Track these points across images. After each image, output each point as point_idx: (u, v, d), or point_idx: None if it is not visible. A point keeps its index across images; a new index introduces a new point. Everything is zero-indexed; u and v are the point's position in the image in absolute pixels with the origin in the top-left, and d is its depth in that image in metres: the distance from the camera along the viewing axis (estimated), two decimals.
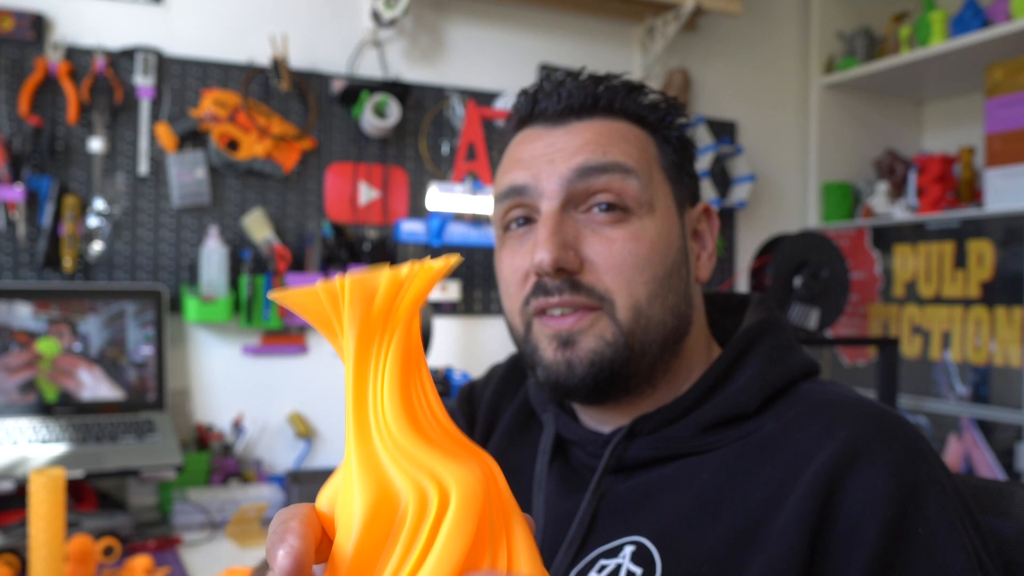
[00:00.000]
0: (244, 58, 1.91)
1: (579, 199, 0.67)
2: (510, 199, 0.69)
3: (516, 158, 0.70)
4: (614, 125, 0.69)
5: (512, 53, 2.21)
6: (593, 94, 0.69)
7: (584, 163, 0.66)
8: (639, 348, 0.66)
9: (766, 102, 2.58)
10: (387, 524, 0.35)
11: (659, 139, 0.70)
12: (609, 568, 0.62)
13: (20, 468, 1.46)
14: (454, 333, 2.11)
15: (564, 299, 0.65)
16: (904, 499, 0.57)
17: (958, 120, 2.65)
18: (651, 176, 0.68)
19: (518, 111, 0.72)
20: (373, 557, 0.35)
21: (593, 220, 0.66)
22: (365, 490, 0.35)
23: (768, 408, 0.65)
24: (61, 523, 1.10)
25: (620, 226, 0.66)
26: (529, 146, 0.70)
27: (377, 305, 0.37)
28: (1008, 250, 2.01)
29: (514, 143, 0.72)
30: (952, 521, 0.57)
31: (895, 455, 0.58)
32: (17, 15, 1.70)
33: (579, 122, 0.69)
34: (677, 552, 0.60)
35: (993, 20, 2.13)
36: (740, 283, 2.49)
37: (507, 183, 0.69)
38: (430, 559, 0.34)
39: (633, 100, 0.70)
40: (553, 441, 0.72)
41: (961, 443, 2.11)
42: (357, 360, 0.37)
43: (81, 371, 1.66)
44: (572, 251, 0.65)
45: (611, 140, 0.67)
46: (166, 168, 1.83)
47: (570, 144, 0.68)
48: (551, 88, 0.70)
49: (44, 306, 1.64)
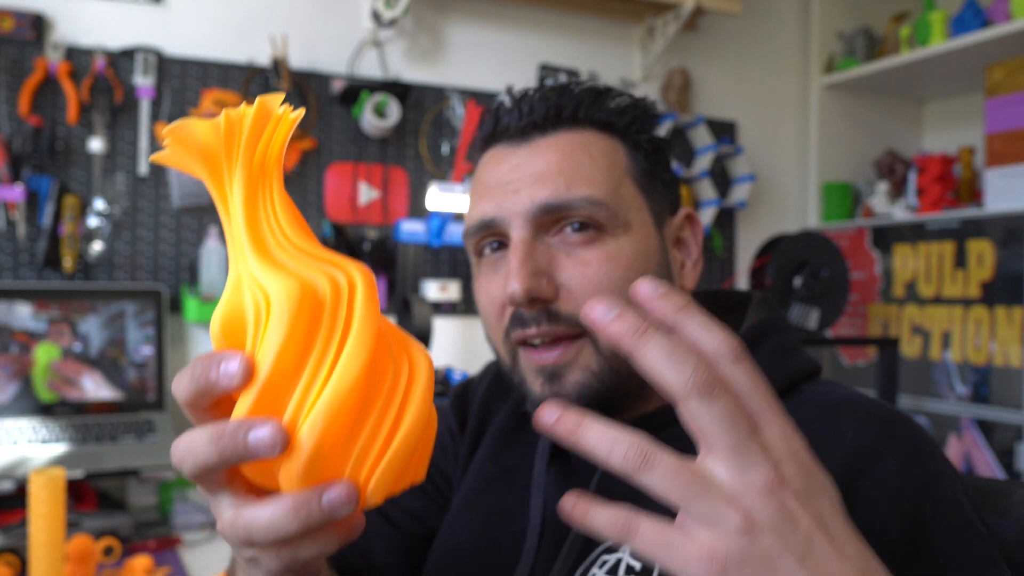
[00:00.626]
0: (244, 58, 1.91)
1: (548, 225, 0.65)
2: (480, 232, 0.68)
3: (483, 185, 0.68)
4: (579, 138, 0.67)
5: (512, 53, 2.21)
6: (556, 105, 0.67)
7: (547, 201, 0.64)
8: (626, 371, 0.64)
9: (766, 102, 2.58)
10: (313, 312, 0.39)
11: (629, 146, 0.68)
12: (610, 563, 0.62)
13: (20, 468, 1.46)
14: (454, 333, 2.11)
15: (542, 330, 0.63)
16: (918, 493, 0.56)
17: (958, 120, 2.65)
18: (621, 194, 0.66)
19: (482, 130, 0.70)
20: (305, 346, 0.39)
21: (566, 242, 0.65)
22: (285, 287, 0.39)
23: None
24: (61, 523, 1.10)
25: (594, 246, 0.64)
26: (494, 170, 0.68)
27: (213, 142, 0.41)
28: (1008, 250, 2.01)
29: (481, 166, 0.70)
30: (965, 516, 0.57)
31: (904, 453, 0.58)
32: (17, 15, 1.70)
33: (543, 138, 0.67)
34: None
35: (993, 20, 2.13)
36: (740, 283, 2.49)
37: (476, 217, 0.68)
38: (354, 330, 0.39)
39: (599, 107, 0.68)
40: (551, 441, 0.72)
41: (961, 443, 2.11)
42: (249, 185, 0.41)
43: (83, 378, 1.66)
44: (545, 279, 0.63)
45: (576, 164, 0.65)
46: (166, 168, 1.83)
47: (534, 168, 0.66)
48: (512, 103, 0.68)
49: (44, 306, 1.64)
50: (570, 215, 0.64)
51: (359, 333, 0.38)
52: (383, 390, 0.39)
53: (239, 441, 0.39)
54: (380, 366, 0.39)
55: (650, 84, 2.37)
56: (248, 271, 0.40)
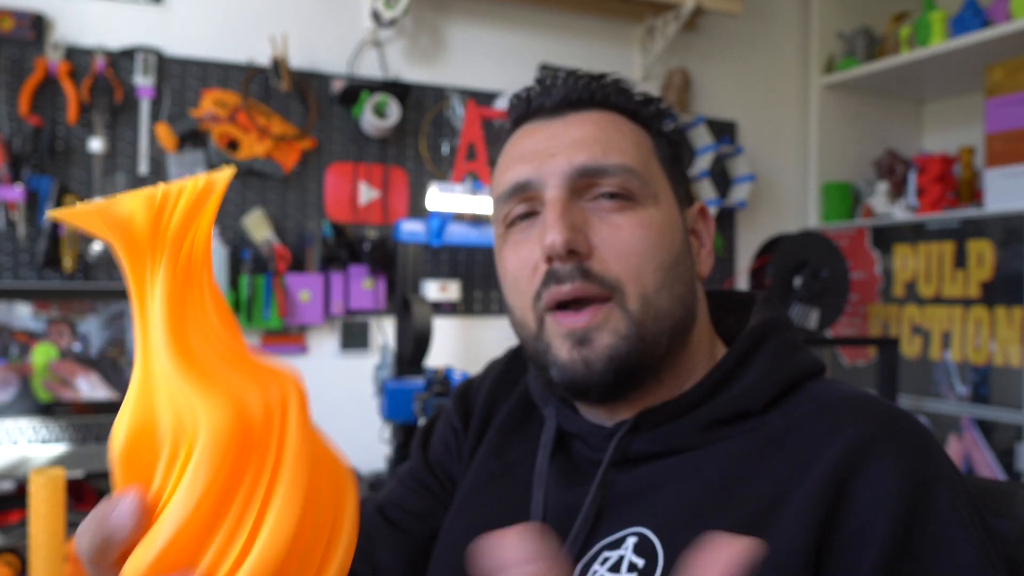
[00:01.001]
0: (244, 58, 1.90)
1: (583, 190, 0.67)
2: (514, 196, 0.69)
3: (516, 154, 0.70)
4: (611, 118, 0.69)
5: (512, 53, 2.21)
6: (588, 88, 0.70)
7: (585, 164, 0.66)
8: (651, 339, 0.65)
9: (766, 102, 2.58)
10: (244, 444, 0.33)
11: (653, 133, 0.71)
12: (612, 560, 0.62)
13: (20, 468, 1.46)
14: (454, 333, 2.11)
15: (576, 286, 0.64)
16: (914, 495, 0.57)
17: (958, 120, 2.65)
18: (650, 170, 0.68)
19: (515, 110, 0.72)
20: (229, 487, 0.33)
21: (600, 208, 0.66)
22: (217, 411, 0.33)
23: (775, 406, 0.65)
24: (61, 523, 1.10)
25: (626, 213, 0.66)
26: (528, 140, 0.70)
27: (139, 226, 0.35)
28: (1008, 250, 2.01)
29: (512, 141, 0.72)
30: (962, 517, 0.57)
31: (904, 452, 0.58)
32: (17, 15, 1.70)
33: (576, 114, 0.69)
34: (679, 543, 0.60)
35: (993, 20, 2.13)
36: (740, 283, 2.49)
37: (510, 180, 0.69)
38: (285, 470, 0.33)
39: (626, 96, 0.70)
40: (555, 435, 0.72)
41: (961, 443, 2.11)
42: (175, 278, 0.35)
43: (79, 378, 1.66)
44: (581, 234, 0.64)
45: (610, 136, 0.68)
46: (166, 168, 1.83)
47: (570, 136, 0.68)
48: (546, 85, 0.71)
49: (44, 306, 1.63)
50: (604, 182, 0.66)
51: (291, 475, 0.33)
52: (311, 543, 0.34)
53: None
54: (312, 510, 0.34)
55: (650, 84, 2.37)
56: (166, 377, 0.34)
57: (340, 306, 1.95)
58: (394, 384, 1.78)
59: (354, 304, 1.97)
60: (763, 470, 0.61)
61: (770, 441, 0.63)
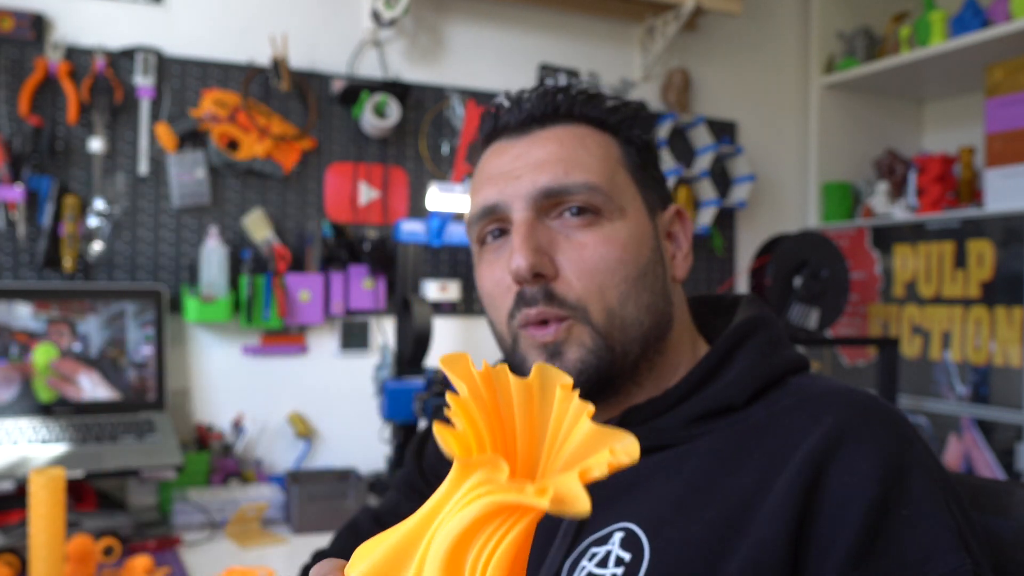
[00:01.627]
0: (244, 58, 1.91)
1: (548, 209, 0.69)
2: (484, 218, 0.71)
3: (485, 175, 0.72)
4: (575, 131, 0.71)
5: (512, 53, 2.21)
6: (553, 102, 0.71)
7: (548, 185, 0.68)
8: (620, 349, 0.68)
9: (766, 102, 2.58)
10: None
11: (621, 141, 0.72)
12: (599, 555, 0.63)
13: (20, 468, 1.46)
14: (454, 333, 2.11)
15: (542, 310, 0.67)
16: (888, 480, 0.58)
17: (958, 120, 2.65)
18: (616, 182, 0.70)
19: (483, 128, 0.75)
20: None
21: (566, 225, 0.68)
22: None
23: (757, 401, 0.66)
24: (61, 523, 1.10)
25: (592, 229, 0.68)
26: (496, 161, 0.72)
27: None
28: (1008, 250, 2.01)
29: (482, 161, 0.74)
30: (936, 502, 0.58)
31: (879, 439, 0.60)
32: (17, 15, 1.70)
33: (541, 131, 0.71)
34: (665, 537, 0.61)
35: (993, 20, 2.13)
36: (740, 283, 2.49)
37: (479, 204, 0.71)
38: None
39: (593, 105, 0.72)
40: None
41: (961, 443, 2.11)
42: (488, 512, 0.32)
43: (80, 376, 1.66)
44: (547, 256, 0.67)
45: (573, 153, 0.69)
46: (166, 168, 1.83)
47: (535, 156, 0.69)
48: (512, 102, 0.73)
49: (44, 306, 1.64)
50: (569, 199, 0.68)
51: None
52: None
53: None
54: None
55: (650, 84, 2.37)
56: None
57: (340, 306, 1.95)
58: (394, 384, 1.78)
59: (354, 304, 1.97)
60: (745, 463, 0.62)
61: (752, 434, 0.64)
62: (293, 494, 1.63)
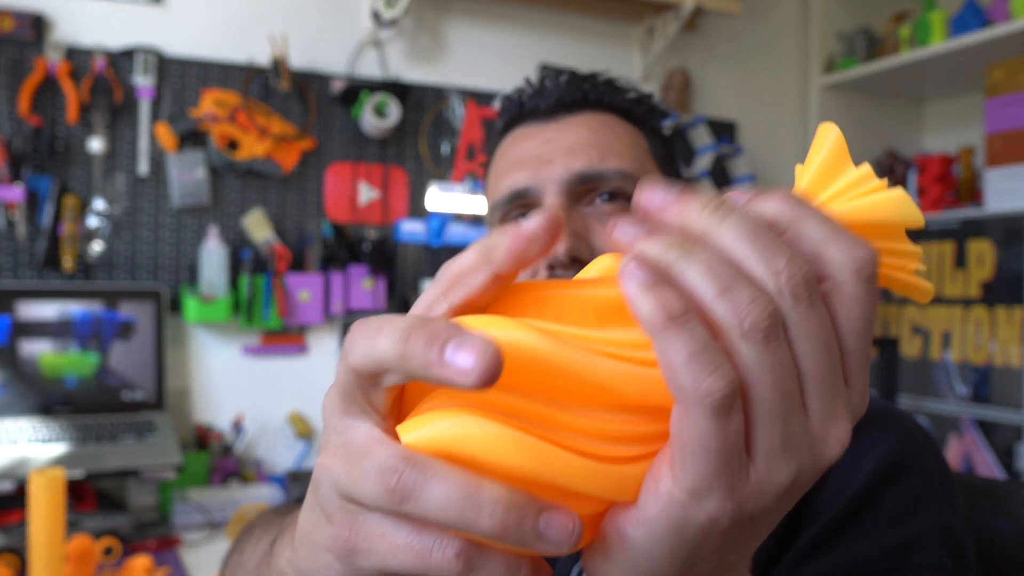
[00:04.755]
0: (244, 58, 1.90)
1: (581, 195, 0.68)
2: (512, 203, 0.69)
3: (512, 159, 0.70)
4: (604, 119, 0.70)
5: (512, 53, 2.21)
6: (581, 90, 0.70)
7: (583, 170, 0.67)
8: None
9: (766, 102, 2.58)
10: None
11: (647, 132, 0.72)
12: None
13: (20, 468, 1.46)
14: None
15: None
16: (881, 475, 0.57)
17: (958, 120, 2.65)
18: (646, 171, 0.69)
19: (507, 112, 0.73)
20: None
21: (599, 211, 0.67)
22: None
23: None
24: (61, 523, 1.10)
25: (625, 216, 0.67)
26: (524, 144, 0.70)
27: None
28: (1008, 250, 2.01)
29: (506, 144, 0.72)
30: (928, 507, 0.57)
31: (884, 439, 0.60)
32: (17, 15, 1.70)
33: (570, 117, 0.70)
34: None
35: (993, 20, 2.13)
36: None
37: (507, 187, 0.69)
38: None
39: (620, 96, 0.72)
40: None
41: (961, 443, 2.11)
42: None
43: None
44: (583, 241, 0.65)
45: (605, 139, 0.68)
46: (166, 168, 1.83)
47: (565, 141, 0.68)
48: (537, 87, 0.72)
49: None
50: (602, 186, 0.67)
51: None
52: None
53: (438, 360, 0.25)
54: None
55: (650, 84, 2.37)
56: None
57: (340, 306, 1.95)
58: None
59: (354, 304, 1.97)
60: None
61: None
62: (293, 494, 1.63)
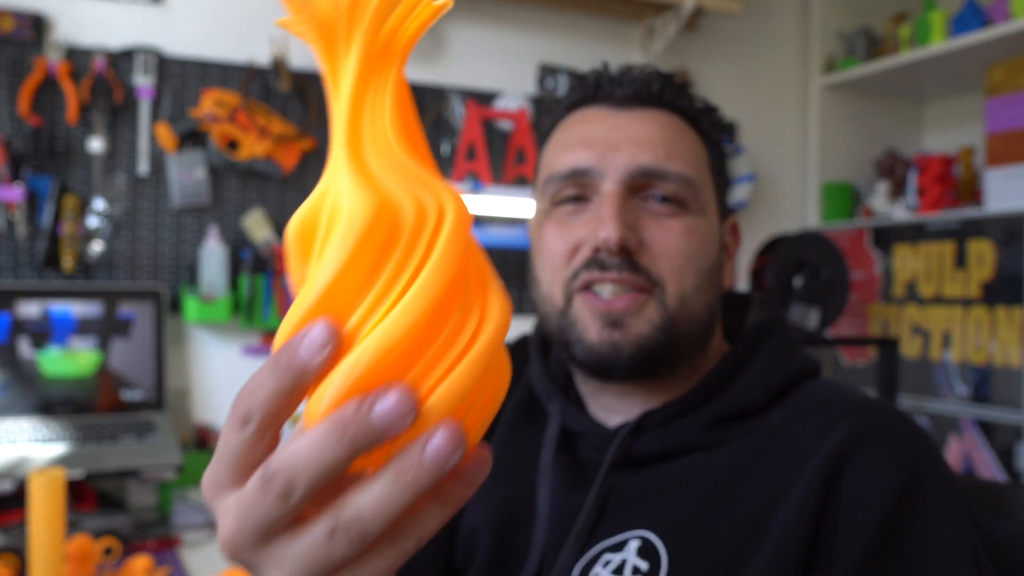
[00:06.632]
0: (244, 58, 1.90)
1: (638, 189, 0.68)
2: (570, 179, 0.69)
3: (578, 136, 0.70)
4: (674, 121, 0.71)
5: (512, 53, 2.21)
6: (659, 87, 0.71)
7: (647, 165, 0.67)
8: (679, 336, 0.67)
9: (766, 102, 2.58)
10: (386, 237, 0.33)
11: (709, 143, 0.73)
12: (615, 563, 0.62)
13: (20, 468, 1.46)
14: None
15: (622, 276, 0.66)
16: (901, 490, 0.57)
17: (958, 120, 2.65)
18: (703, 181, 0.70)
19: (579, 91, 0.73)
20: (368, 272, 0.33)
21: (651, 209, 0.68)
22: (361, 201, 0.33)
23: (775, 405, 0.66)
24: (61, 523, 1.10)
25: (677, 218, 0.68)
26: (592, 126, 0.70)
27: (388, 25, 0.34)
28: (1008, 250, 2.01)
29: (572, 120, 0.73)
30: (950, 515, 0.57)
31: (895, 447, 0.60)
32: (17, 15, 1.70)
33: (643, 110, 0.70)
34: (683, 547, 0.61)
35: (993, 20, 2.13)
36: (740, 283, 2.49)
37: (567, 163, 0.69)
38: (426, 269, 0.32)
39: (690, 101, 0.72)
40: (559, 433, 0.73)
41: (961, 443, 2.11)
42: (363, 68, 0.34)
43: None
44: (633, 232, 0.66)
45: (673, 140, 0.69)
46: (166, 168, 1.83)
47: (635, 132, 0.68)
48: (617, 74, 0.72)
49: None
50: (660, 185, 0.68)
51: (429, 274, 0.32)
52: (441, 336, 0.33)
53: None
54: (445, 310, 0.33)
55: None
56: (335, 172, 0.34)
57: None
58: None
59: None
60: (762, 469, 0.62)
61: (769, 439, 0.64)
62: None
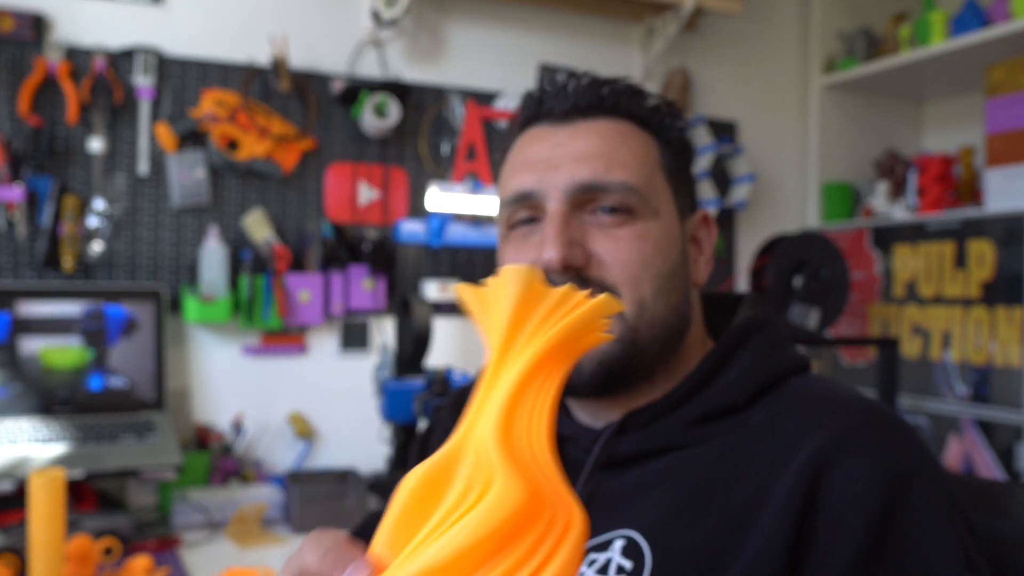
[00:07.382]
0: (244, 58, 1.90)
1: (584, 203, 0.68)
2: (518, 203, 0.70)
3: (522, 159, 0.71)
4: (618, 127, 0.70)
5: (512, 53, 2.21)
6: (598, 95, 0.70)
7: (586, 180, 0.67)
8: (643, 345, 0.67)
9: (766, 102, 2.58)
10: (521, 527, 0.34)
11: (661, 142, 0.72)
12: (599, 562, 0.62)
13: (20, 468, 1.46)
14: (454, 333, 2.11)
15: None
16: (889, 489, 0.57)
17: (958, 120, 2.65)
18: (653, 184, 0.69)
19: (525, 111, 0.73)
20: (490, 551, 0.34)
21: (598, 221, 0.67)
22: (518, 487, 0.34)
23: (758, 402, 0.65)
24: (61, 523, 1.10)
25: (626, 226, 0.67)
26: (535, 147, 0.70)
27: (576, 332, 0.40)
28: (1008, 250, 2.01)
29: (520, 142, 0.73)
30: (938, 513, 0.57)
31: (882, 446, 0.59)
32: (17, 15, 1.70)
33: (584, 122, 0.70)
34: (667, 546, 0.61)
35: (993, 20, 2.13)
36: (740, 283, 2.49)
37: (514, 188, 0.70)
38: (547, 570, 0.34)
39: (636, 103, 0.71)
40: None
41: (961, 443, 2.11)
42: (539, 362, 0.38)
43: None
44: (579, 248, 0.66)
45: (615, 149, 0.68)
46: (166, 168, 1.83)
47: (575, 148, 0.68)
48: (556, 88, 0.72)
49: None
50: (604, 197, 0.67)
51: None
52: None
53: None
54: None
55: (650, 84, 2.37)
56: (483, 440, 0.36)
57: (340, 306, 1.95)
58: (394, 384, 1.78)
59: (354, 304, 1.97)
60: (746, 468, 0.62)
61: (752, 437, 0.63)
62: (293, 494, 1.63)
